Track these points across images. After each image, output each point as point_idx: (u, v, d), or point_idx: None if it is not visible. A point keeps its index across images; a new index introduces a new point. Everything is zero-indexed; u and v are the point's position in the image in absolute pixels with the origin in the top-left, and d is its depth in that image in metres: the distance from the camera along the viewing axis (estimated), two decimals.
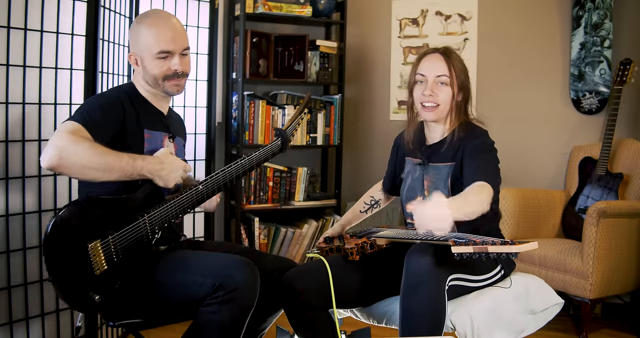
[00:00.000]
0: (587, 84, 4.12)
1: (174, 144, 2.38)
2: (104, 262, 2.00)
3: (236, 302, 2.06)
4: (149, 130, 2.27)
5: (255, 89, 4.38)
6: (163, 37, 2.23)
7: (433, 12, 4.47)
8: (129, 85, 2.34)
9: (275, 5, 4.07)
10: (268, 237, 4.20)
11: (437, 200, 1.92)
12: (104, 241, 2.00)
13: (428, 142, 2.50)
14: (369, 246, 2.33)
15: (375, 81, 4.68)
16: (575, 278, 3.46)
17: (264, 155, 2.43)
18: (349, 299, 2.39)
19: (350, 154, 4.67)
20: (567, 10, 4.19)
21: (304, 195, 4.29)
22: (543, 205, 3.96)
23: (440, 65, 2.37)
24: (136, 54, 2.28)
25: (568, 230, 3.93)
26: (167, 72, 2.26)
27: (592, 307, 3.47)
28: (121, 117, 2.18)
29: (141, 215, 2.09)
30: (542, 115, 4.29)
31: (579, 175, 3.97)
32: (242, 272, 2.09)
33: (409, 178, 2.52)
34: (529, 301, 2.38)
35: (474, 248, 1.90)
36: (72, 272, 1.96)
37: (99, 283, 2.00)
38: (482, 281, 2.32)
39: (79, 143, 1.97)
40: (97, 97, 2.25)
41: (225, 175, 2.29)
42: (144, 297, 2.14)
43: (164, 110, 2.39)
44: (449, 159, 2.39)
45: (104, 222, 2.01)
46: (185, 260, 2.18)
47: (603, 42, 4.05)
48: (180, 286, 2.11)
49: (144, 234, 2.10)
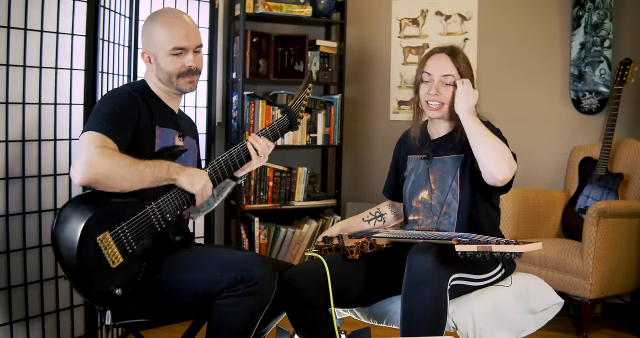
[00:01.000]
0: (587, 84, 4.12)
1: (183, 142, 2.38)
2: (118, 255, 1.99)
3: (255, 296, 2.08)
4: (161, 128, 2.28)
5: (255, 89, 4.38)
6: (177, 34, 2.25)
7: (433, 12, 4.47)
8: (142, 83, 2.35)
9: (275, 5, 4.07)
10: (268, 237, 4.20)
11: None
12: (113, 232, 2.00)
13: (432, 137, 2.51)
14: (368, 246, 2.33)
15: (375, 81, 4.68)
16: (575, 278, 3.46)
17: (272, 133, 2.41)
18: (349, 299, 2.39)
19: (350, 154, 4.68)
20: (567, 10, 4.20)
21: (304, 195, 4.29)
22: (543, 205, 3.96)
23: (446, 65, 2.39)
24: (149, 51, 2.29)
25: (568, 230, 3.93)
26: (181, 69, 2.27)
27: (592, 307, 3.47)
28: (137, 118, 2.19)
29: (148, 203, 2.10)
30: (542, 115, 4.29)
31: (579, 175, 3.97)
32: (262, 267, 2.12)
33: (413, 175, 2.52)
34: (529, 301, 2.38)
35: (477, 247, 1.90)
36: (85, 267, 1.94)
37: (119, 276, 2.00)
38: (484, 280, 2.32)
39: (109, 157, 1.99)
40: (111, 98, 2.21)
41: (232, 156, 2.31)
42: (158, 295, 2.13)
43: (175, 109, 2.41)
44: (456, 151, 2.41)
45: (110, 213, 2.01)
46: (198, 256, 2.19)
47: (603, 42, 4.05)
48: (197, 281, 2.11)
49: (156, 222, 2.11)
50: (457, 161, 2.40)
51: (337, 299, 2.34)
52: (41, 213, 2.71)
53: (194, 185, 2.18)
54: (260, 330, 2.42)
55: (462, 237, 2.00)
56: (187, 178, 2.17)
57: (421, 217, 2.47)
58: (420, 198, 2.47)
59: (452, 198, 2.39)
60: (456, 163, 2.40)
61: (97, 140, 2.03)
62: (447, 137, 2.47)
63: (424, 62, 2.45)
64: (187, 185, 2.17)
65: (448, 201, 2.39)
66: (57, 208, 2.76)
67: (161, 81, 2.31)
